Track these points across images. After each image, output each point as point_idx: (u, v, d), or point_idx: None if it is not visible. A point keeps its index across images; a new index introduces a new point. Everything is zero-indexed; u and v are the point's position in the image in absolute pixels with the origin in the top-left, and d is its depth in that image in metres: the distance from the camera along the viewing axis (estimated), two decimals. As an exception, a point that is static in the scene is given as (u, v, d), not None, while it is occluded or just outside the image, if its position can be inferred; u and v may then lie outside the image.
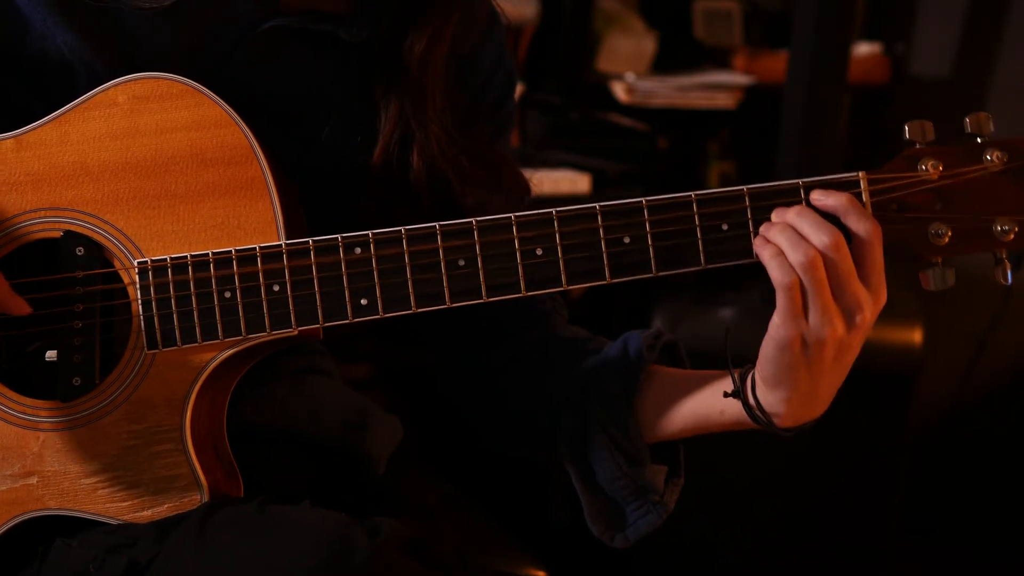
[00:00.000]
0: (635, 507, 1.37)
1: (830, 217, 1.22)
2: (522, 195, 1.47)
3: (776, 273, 1.21)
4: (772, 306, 1.23)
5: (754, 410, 1.29)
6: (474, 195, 1.40)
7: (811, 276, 1.20)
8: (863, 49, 3.19)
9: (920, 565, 3.10)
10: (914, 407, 2.69)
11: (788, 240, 1.21)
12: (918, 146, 1.23)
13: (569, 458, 1.39)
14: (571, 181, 2.65)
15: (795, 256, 1.20)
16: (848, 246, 1.21)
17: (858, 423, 2.65)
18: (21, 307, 1.27)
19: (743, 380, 1.30)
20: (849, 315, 1.22)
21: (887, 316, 2.80)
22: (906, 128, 1.23)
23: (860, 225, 1.21)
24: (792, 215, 1.22)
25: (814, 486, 2.71)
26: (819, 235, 1.20)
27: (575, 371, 1.41)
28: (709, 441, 1.39)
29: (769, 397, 1.28)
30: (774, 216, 1.23)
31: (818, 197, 1.23)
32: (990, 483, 3.26)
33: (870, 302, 1.23)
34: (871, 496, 2.72)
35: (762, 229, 1.23)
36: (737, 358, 1.32)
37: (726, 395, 1.31)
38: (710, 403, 1.34)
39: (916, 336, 2.62)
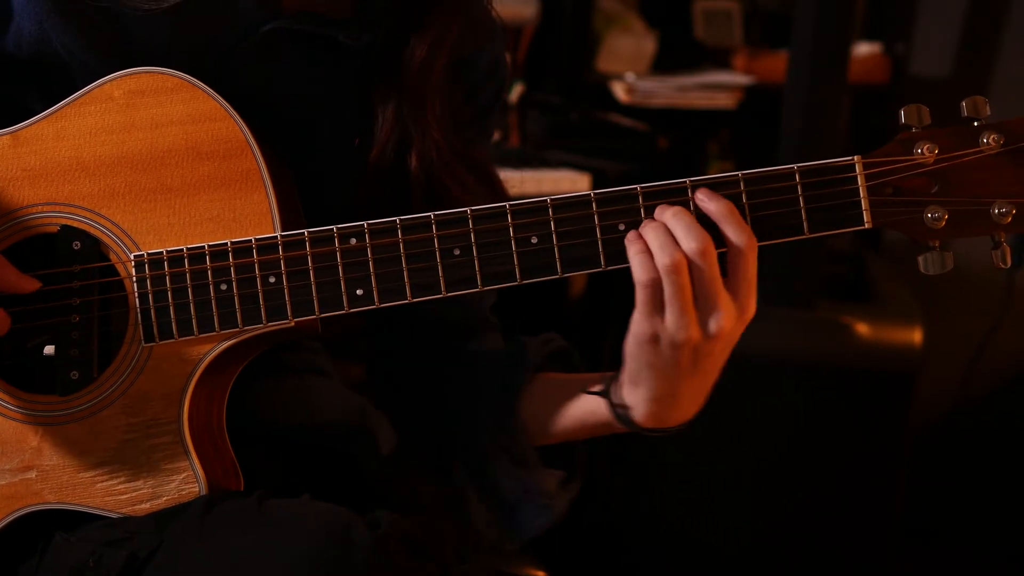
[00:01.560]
0: (525, 510, 1.40)
1: (709, 222, 1.22)
2: None
3: (637, 270, 1.22)
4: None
5: (615, 408, 1.31)
6: (468, 201, 1.40)
7: (672, 279, 1.20)
8: (863, 49, 3.19)
9: (920, 566, 3.10)
10: (914, 407, 2.69)
11: (657, 240, 1.21)
12: (914, 130, 1.23)
13: (460, 462, 1.42)
14: (571, 181, 2.64)
15: (660, 258, 1.21)
16: (722, 253, 1.22)
17: (858, 423, 2.65)
18: (31, 283, 1.27)
19: (612, 380, 1.31)
20: (707, 322, 1.22)
21: (887, 316, 2.79)
22: (902, 112, 1.23)
23: (735, 235, 1.22)
24: (669, 215, 1.23)
25: (814, 486, 2.70)
26: (688, 240, 1.21)
27: (473, 377, 1.44)
28: (709, 441, 1.39)
29: (631, 395, 1.29)
30: (656, 213, 1.24)
31: (701, 199, 1.23)
32: (990, 484, 3.25)
33: (733, 312, 1.23)
34: (871, 496, 2.72)
35: (641, 227, 1.24)
36: None
37: (590, 392, 1.33)
38: (585, 404, 1.36)
39: (916, 336, 2.62)
